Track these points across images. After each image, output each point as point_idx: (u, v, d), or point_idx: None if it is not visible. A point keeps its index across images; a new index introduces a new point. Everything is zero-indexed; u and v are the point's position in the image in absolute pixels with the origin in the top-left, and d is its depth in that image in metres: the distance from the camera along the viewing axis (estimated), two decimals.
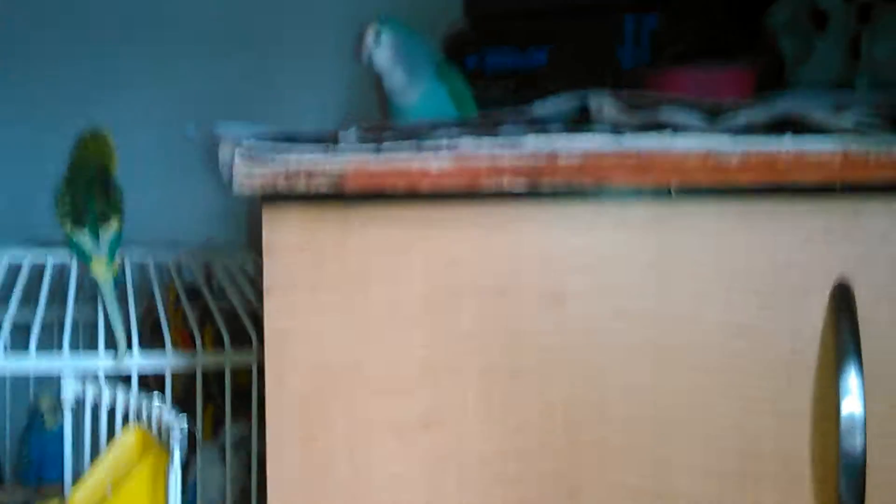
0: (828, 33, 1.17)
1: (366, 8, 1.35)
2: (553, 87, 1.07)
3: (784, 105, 0.83)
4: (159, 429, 0.98)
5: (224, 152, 0.78)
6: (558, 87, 1.03)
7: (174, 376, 1.17)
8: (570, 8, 1.21)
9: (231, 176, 0.77)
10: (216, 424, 1.21)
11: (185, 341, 1.20)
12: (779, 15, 1.20)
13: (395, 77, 1.03)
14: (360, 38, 1.04)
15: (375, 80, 1.03)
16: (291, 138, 0.82)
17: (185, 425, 0.94)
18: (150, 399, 1.02)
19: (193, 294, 1.25)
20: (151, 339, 1.22)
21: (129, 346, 1.13)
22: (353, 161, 0.77)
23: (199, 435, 1.12)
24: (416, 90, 1.03)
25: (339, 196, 0.79)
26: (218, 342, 1.17)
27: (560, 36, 1.20)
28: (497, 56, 1.24)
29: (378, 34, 1.03)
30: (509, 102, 0.92)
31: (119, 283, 1.18)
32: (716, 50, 1.18)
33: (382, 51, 1.03)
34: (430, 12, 1.32)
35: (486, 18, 1.29)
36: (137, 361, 1.12)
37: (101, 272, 1.15)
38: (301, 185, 0.78)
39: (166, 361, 1.13)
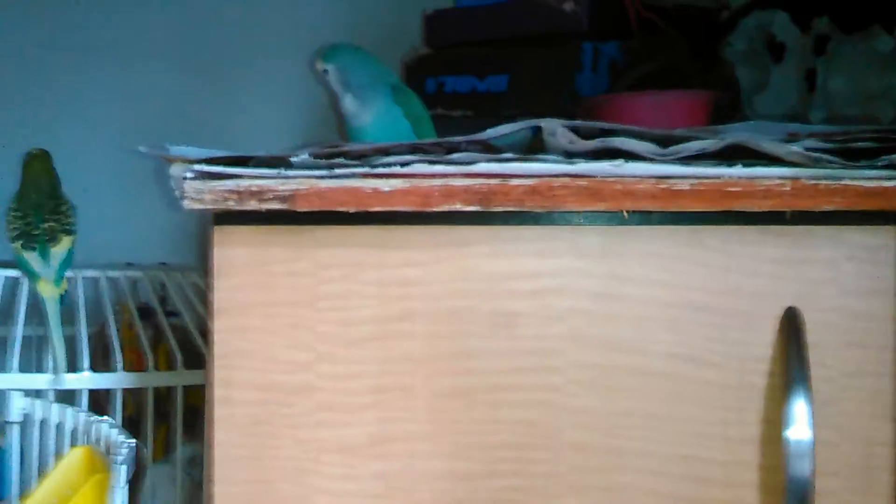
0: (784, 65, 1.19)
1: (326, 29, 1.36)
2: (512, 113, 1.07)
3: (735, 134, 0.83)
4: (107, 448, 0.98)
5: (175, 171, 0.78)
6: (517, 112, 1.04)
7: (130, 395, 1.17)
8: (528, 36, 1.22)
9: (181, 194, 0.77)
10: (171, 443, 1.21)
11: (139, 360, 1.19)
12: (736, 45, 1.22)
13: (346, 101, 1.04)
14: (312, 66, 1.05)
15: (333, 102, 1.03)
16: (243, 159, 0.81)
17: (132, 444, 0.93)
18: (99, 418, 1.01)
19: (148, 313, 1.25)
20: (105, 357, 1.22)
21: (78, 365, 1.12)
22: (304, 181, 0.77)
23: (148, 453, 1.11)
24: (369, 112, 1.04)
25: (291, 216, 0.79)
26: (172, 361, 1.16)
27: (519, 63, 1.20)
28: (456, 81, 1.24)
29: (324, 67, 1.04)
30: (469, 126, 0.92)
31: (66, 302, 1.17)
32: (673, 78, 1.19)
33: (331, 80, 1.04)
34: (390, 37, 1.32)
35: (446, 45, 1.29)
36: (87, 380, 1.11)
37: (47, 291, 1.14)
38: (252, 205, 0.77)
39: (117, 380, 1.12)
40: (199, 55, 1.48)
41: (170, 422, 1.20)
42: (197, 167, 0.78)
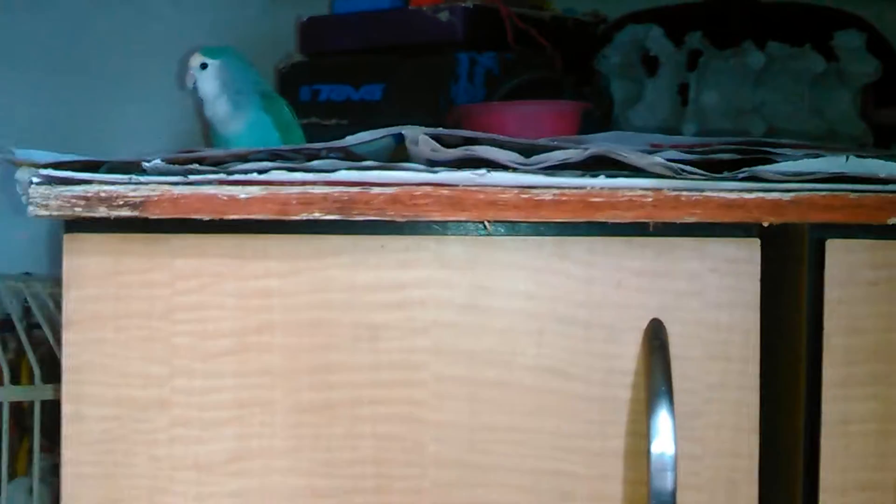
0: (658, 78, 1.19)
1: (198, 35, 1.34)
2: (387, 123, 1.06)
3: (598, 144, 0.83)
4: None
5: (21, 175, 0.75)
6: (393, 122, 1.02)
7: None
8: (404, 45, 1.21)
9: (27, 200, 0.74)
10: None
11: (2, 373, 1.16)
12: (611, 58, 1.22)
13: (220, 106, 1.01)
14: (186, 65, 1.02)
15: (197, 109, 1.00)
16: (94, 164, 0.79)
17: None
18: None
19: (8, 326, 1.22)
20: None
21: None
22: (156, 187, 0.75)
23: (3, 469, 1.08)
24: (240, 120, 1.01)
25: (144, 224, 0.77)
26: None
27: (394, 72, 1.19)
28: (331, 89, 1.23)
29: (204, 63, 1.01)
30: (344, 135, 0.90)
31: None
32: (548, 90, 1.19)
33: (208, 79, 1.01)
34: (264, 43, 1.30)
35: (321, 53, 1.27)
36: None
37: None
38: (101, 212, 0.75)
39: None
40: (70, 59, 1.43)
41: (33, 434, 1.17)
42: (44, 171, 0.75)
